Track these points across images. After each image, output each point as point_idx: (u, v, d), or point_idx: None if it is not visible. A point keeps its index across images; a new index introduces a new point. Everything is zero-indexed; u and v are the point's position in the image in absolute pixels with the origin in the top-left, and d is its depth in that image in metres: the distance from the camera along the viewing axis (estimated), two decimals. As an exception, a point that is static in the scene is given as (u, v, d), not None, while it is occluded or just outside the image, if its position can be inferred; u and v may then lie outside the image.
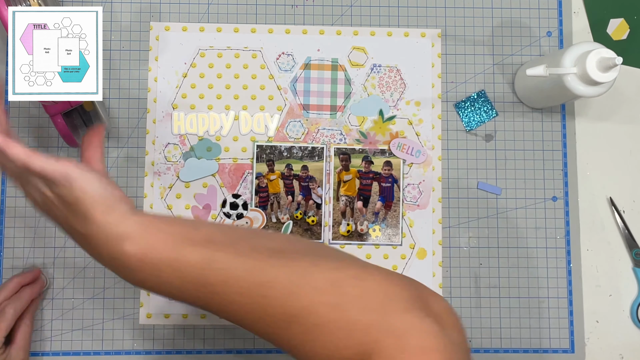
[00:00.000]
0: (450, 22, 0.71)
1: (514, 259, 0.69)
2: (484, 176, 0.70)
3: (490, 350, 0.68)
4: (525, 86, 0.69)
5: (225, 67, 0.70)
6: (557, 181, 0.70)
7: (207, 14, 0.71)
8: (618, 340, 0.69)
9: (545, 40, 0.72)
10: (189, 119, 0.69)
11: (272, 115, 0.70)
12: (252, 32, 0.71)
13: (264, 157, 0.69)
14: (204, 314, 0.67)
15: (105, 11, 0.70)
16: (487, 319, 0.68)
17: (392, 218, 0.69)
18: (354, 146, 0.70)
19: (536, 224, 0.70)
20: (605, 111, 0.72)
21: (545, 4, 0.72)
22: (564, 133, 0.71)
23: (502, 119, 0.71)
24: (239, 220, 0.68)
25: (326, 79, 0.70)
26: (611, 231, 0.70)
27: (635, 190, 0.71)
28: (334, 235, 0.69)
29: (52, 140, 0.69)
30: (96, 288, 0.67)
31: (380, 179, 0.69)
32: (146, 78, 0.70)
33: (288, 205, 0.69)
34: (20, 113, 0.69)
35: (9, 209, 0.68)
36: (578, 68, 0.59)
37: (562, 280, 0.69)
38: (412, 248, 0.69)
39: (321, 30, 0.71)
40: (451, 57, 0.71)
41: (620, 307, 0.70)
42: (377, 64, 0.71)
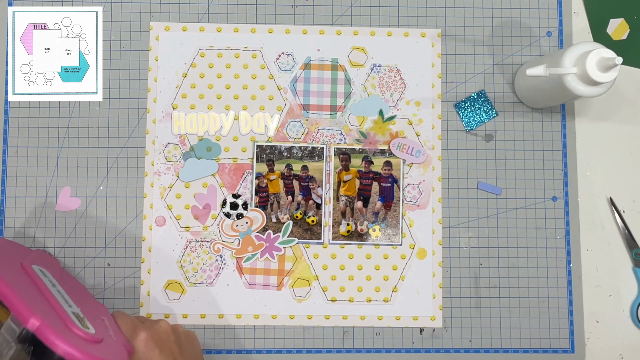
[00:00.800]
0: (450, 22, 0.71)
1: (514, 259, 0.69)
2: (484, 176, 0.70)
3: (490, 350, 0.68)
4: (525, 86, 0.69)
5: (225, 67, 0.70)
6: (557, 181, 0.70)
7: (207, 14, 0.71)
8: (618, 340, 0.69)
9: (545, 40, 0.72)
10: (189, 119, 0.69)
11: (272, 115, 0.70)
12: (252, 32, 0.71)
13: (264, 157, 0.69)
14: (204, 313, 0.68)
15: (105, 11, 0.70)
16: (487, 319, 0.68)
17: (392, 218, 0.69)
18: (354, 146, 0.70)
19: (536, 224, 0.70)
20: (605, 111, 0.72)
21: (545, 4, 0.72)
22: (564, 133, 0.71)
23: (502, 119, 0.71)
24: (239, 220, 0.68)
25: (326, 79, 0.70)
26: (611, 231, 0.70)
27: (635, 190, 0.71)
28: (334, 235, 0.69)
29: (52, 140, 0.69)
30: (96, 288, 0.67)
31: (380, 179, 0.69)
32: (146, 78, 0.70)
33: (288, 205, 0.69)
34: (20, 113, 0.69)
35: (9, 209, 0.68)
36: (578, 68, 0.59)
37: (562, 280, 0.69)
38: (412, 248, 0.69)
39: (321, 30, 0.71)
40: (451, 57, 0.71)
41: (620, 307, 0.70)
42: (377, 64, 0.71)
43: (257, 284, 0.68)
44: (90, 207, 0.68)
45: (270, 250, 0.68)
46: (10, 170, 0.68)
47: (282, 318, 0.68)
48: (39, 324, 0.48)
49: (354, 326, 0.68)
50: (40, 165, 0.68)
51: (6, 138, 0.69)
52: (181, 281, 0.68)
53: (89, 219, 0.68)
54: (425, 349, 0.68)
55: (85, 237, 0.68)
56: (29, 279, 0.56)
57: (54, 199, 0.68)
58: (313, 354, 0.68)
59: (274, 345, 0.68)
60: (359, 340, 0.68)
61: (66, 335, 0.49)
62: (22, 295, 0.50)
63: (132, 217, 0.68)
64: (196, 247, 0.68)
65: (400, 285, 0.68)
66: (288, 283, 0.68)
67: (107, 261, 0.68)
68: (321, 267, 0.68)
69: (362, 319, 0.68)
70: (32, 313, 0.48)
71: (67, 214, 0.68)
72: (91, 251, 0.68)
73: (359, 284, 0.68)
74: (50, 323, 0.49)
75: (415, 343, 0.68)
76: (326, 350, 0.68)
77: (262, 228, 0.68)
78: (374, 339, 0.68)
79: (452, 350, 0.68)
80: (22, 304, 0.49)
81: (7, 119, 0.69)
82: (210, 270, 0.68)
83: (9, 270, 0.54)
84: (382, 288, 0.68)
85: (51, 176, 0.68)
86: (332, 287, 0.68)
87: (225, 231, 0.68)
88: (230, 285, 0.68)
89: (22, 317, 0.49)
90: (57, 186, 0.68)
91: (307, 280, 0.68)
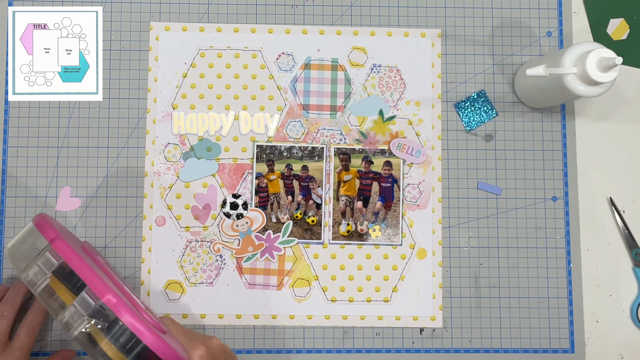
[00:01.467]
0: (450, 22, 0.71)
1: (514, 259, 0.69)
2: (484, 176, 0.70)
3: (490, 350, 0.68)
4: (525, 86, 0.69)
5: (225, 67, 0.70)
6: (557, 181, 0.70)
7: (207, 14, 0.71)
8: (618, 340, 0.69)
9: (545, 40, 0.72)
10: (189, 119, 0.69)
11: (272, 115, 0.70)
12: (252, 32, 0.71)
13: (264, 157, 0.69)
14: (204, 313, 0.68)
15: (105, 11, 0.70)
16: (487, 319, 0.68)
17: (392, 218, 0.69)
18: (354, 146, 0.70)
19: (536, 224, 0.70)
20: (605, 111, 0.72)
21: (545, 4, 0.72)
22: (564, 133, 0.71)
23: (502, 119, 0.71)
24: (239, 220, 0.68)
25: (326, 79, 0.70)
26: (611, 231, 0.70)
27: (635, 190, 0.71)
28: (334, 235, 0.69)
29: (52, 140, 0.69)
30: (96, 288, 0.67)
31: (380, 179, 0.69)
32: (146, 78, 0.70)
33: (288, 205, 0.69)
34: (20, 113, 0.69)
35: (9, 209, 0.68)
36: (578, 68, 0.59)
37: (562, 280, 0.69)
38: (412, 248, 0.69)
39: (321, 30, 0.71)
40: (451, 57, 0.71)
41: (620, 307, 0.70)
42: (377, 64, 0.71)
43: (257, 284, 0.68)
44: (90, 207, 0.68)
45: (270, 250, 0.68)
46: (10, 170, 0.68)
47: (282, 318, 0.68)
48: (116, 301, 0.48)
49: (354, 326, 0.68)
50: (40, 165, 0.68)
51: (6, 138, 0.69)
52: (181, 281, 0.68)
53: (89, 219, 0.68)
54: (425, 349, 0.68)
55: (85, 237, 0.68)
56: (92, 260, 0.56)
57: (54, 199, 0.68)
58: (313, 354, 0.68)
59: (274, 345, 0.68)
60: (359, 340, 0.68)
61: (140, 316, 0.49)
62: (96, 271, 0.50)
63: (132, 217, 0.68)
64: (196, 247, 0.68)
65: (400, 285, 0.68)
66: (288, 283, 0.68)
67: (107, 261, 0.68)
68: (321, 267, 0.68)
69: (362, 319, 0.68)
70: (109, 289, 0.48)
71: (67, 214, 0.68)
72: (91, 251, 0.68)
73: (359, 284, 0.68)
74: (126, 303, 0.48)
75: (415, 343, 0.68)
76: (326, 350, 0.68)
77: (262, 228, 0.68)
78: (374, 339, 0.68)
79: (452, 350, 0.68)
80: (99, 279, 0.49)
81: (7, 119, 0.69)
82: (210, 270, 0.68)
83: (77, 249, 0.53)
84: (382, 288, 0.68)
85: (51, 176, 0.68)
86: (332, 287, 0.68)
87: (225, 231, 0.68)
88: (230, 285, 0.68)
89: (100, 292, 0.48)
90: (57, 186, 0.68)
91: (307, 280, 0.68)
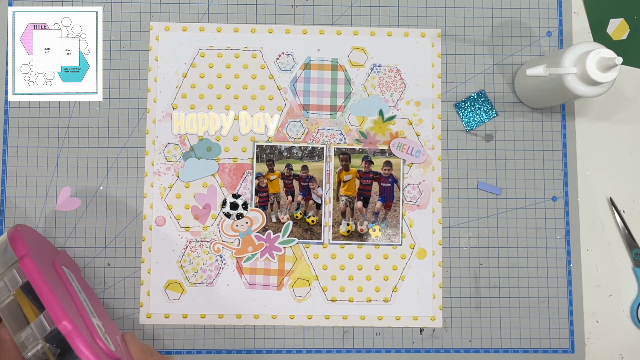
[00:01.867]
0: (450, 22, 0.71)
1: (514, 259, 0.69)
2: (484, 176, 0.70)
3: (490, 350, 0.68)
4: (525, 86, 0.69)
5: (225, 67, 0.70)
6: (557, 181, 0.70)
7: (207, 14, 0.71)
8: (618, 340, 0.69)
9: (545, 40, 0.72)
10: (189, 119, 0.69)
11: (272, 115, 0.70)
12: (252, 32, 0.71)
13: (264, 157, 0.69)
14: (204, 313, 0.68)
15: (105, 11, 0.70)
16: (487, 319, 0.68)
17: (392, 218, 0.69)
18: (354, 146, 0.70)
19: (536, 224, 0.70)
20: (605, 111, 0.72)
21: (545, 4, 0.72)
22: (564, 133, 0.71)
23: (502, 119, 0.71)
24: (239, 220, 0.68)
25: (326, 79, 0.70)
26: (611, 231, 0.70)
27: (635, 190, 0.71)
28: (334, 235, 0.69)
29: (52, 140, 0.69)
30: (96, 288, 0.67)
31: (380, 179, 0.69)
32: (146, 78, 0.70)
33: (288, 205, 0.69)
34: (20, 113, 0.69)
35: (9, 209, 0.68)
36: (578, 68, 0.59)
37: (562, 280, 0.69)
38: (412, 248, 0.69)
39: (321, 30, 0.71)
40: (451, 57, 0.71)
41: (620, 307, 0.70)
42: (377, 64, 0.71)
43: (257, 284, 0.68)
44: (90, 207, 0.68)
45: (270, 250, 0.68)
46: (10, 170, 0.68)
47: (282, 318, 0.68)
48: (72, 328, 0.48)
49: (354, 326, 0.68)
50: (40, 165, 0.68)
51: (6, 138, 0.69)
52: (181, 281, 0.68)
53: (89, 219, 0.68)
54: (425, 349, 0.68)
55: (85, 237, 0.68)
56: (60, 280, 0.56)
57: (54, 199, 0.68)
58: (313, 354, 0.68)
59: (274, 345, 0.68)
60: (359, 340, 0.68)
61: (93, 345, 0.49)
62: (58, 295, 0.50)
63: (132, 217, 0.68)
64: (196, 247, 0.68)
65: (400, 285, 0.68)
66: (288, 283, 0.68)
67: (107, 261, 0.68)
68: (321, 267, 0.68)
69: (362, 319, 0.68)
70: (66, 315, 0.48)
71: (67, 214, 0.68)
72: (91, 251, 0.68)
73: (359, 284, 0.68)
74: (81, 330, 0.48)
75: (415, 343, 0.68)
76: (326, 350, 0.68)
77: (262, 228, 0.68)
78: (374, 339, 0.68)
79: (452, 350, 0.68)
80: (58, 305, 0.49)
81: (7, 119, 0.69)
82: (210, 270, 0.68)
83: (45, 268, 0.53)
84: (382, 288, 0.68)
85: (51, 176, 0.68)
86: (332, 287, 0.68)
87: (225, 231, 0.68)
88: (230, 285, 0.68)
89: (56, 318, 0.48)
90: (57, 186, 0.68)
91: (307, 280, 0.68)
